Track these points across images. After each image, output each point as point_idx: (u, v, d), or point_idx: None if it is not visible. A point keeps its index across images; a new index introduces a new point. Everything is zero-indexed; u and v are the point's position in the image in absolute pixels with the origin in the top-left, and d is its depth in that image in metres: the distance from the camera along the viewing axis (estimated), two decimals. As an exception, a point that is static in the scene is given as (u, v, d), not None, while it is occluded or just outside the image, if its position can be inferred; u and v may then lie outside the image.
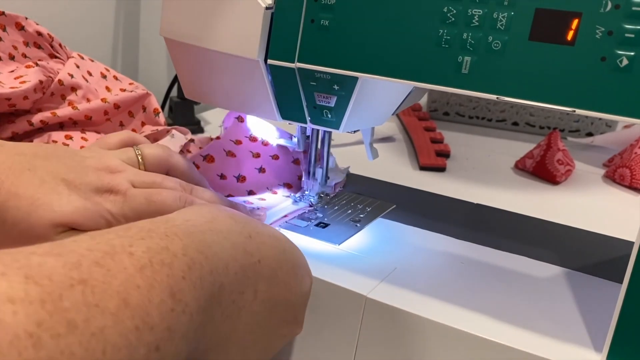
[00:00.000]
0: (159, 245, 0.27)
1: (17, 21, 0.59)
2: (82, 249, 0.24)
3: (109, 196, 0.39)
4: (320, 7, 0.40)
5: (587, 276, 0.45)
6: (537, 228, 0.54)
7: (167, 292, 0.25)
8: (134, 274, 0.24)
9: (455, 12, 0.36)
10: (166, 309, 0.25)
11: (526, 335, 0.37)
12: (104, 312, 0.22)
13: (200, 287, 0.27)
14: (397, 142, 0.80)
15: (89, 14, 0.92)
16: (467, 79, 0.36)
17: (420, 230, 0.51)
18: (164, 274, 0.25)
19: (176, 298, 0.25)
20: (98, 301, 0.22)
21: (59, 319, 0.20)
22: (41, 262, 0.22)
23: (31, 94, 0.56)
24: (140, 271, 0.25)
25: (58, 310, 0.21)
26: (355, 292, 0.40)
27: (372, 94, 0.44)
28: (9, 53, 0.59)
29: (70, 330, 0.20)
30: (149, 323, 0.23)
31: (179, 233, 0.29)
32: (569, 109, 0.33)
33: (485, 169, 0.72)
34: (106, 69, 0.65)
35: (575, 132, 0.89)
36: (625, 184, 0.69)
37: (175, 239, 0.28)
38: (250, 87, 0.46)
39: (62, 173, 0.39)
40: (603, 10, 0.32)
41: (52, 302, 0.21)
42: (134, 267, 0.25)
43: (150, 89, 0.65)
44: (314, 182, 0.54)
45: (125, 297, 0.23)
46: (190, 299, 0.26)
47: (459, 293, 0.41)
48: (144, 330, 0.23)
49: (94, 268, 0.23)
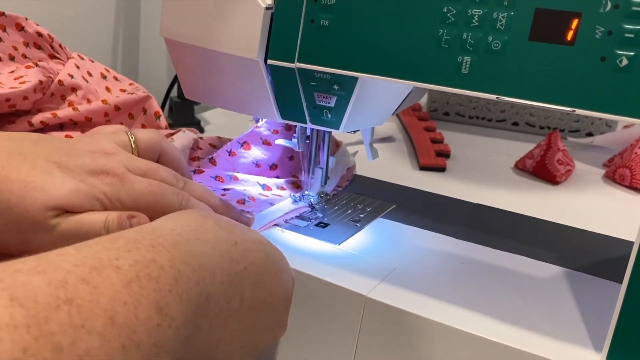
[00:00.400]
0: (145, 258, 0.26)
1: (17, 22, 0.59)
2: (69, 264, 0.24)
3: (105, 178, 0.38)
4: (320, 7, 0.40)
5: (587, 276, 0.45)
6: (537, 228, 0.54)
7: (154, 307, 0.25)
8: (121, 289, 0.24)
9: (455, 12, 0.36)
10: (153, 325, 0.24)
11: (526, 335, 0.37)
12: (90, 333, 0.22)
13: (187, 300, 0.27)
14: (397, 142, 0.80)
15: (89, 13, 0.92)
16: (467, 79, 0.36)
17: (420, 230, 0.51)
18: (150, 289, 0.25)
19: (163, 312, 0.25)
20: (84, 321, 0.22)
21: (44, 343, 0.20)
22: (26, 282, 0.22)
23: (31, 94, 0.56)
24: (127, 286, 0.24)
25: (44, 334, 0.20)
26: (355, 292, 0.40)
27: (372, 94, 0.44)
28: (9, 54, 0.59)
29: (56, 355, 0.20)
30: (135, 340, 0.23)
31: (165, 244, 0.28)
32: (569, 109, 0.33)
33: (485, 169, 0.72)
34: (106, 70, 0.65)
35: (575, 132, 0.89)
36: (625, 184, 0.69)
37: (162, 250, 0.28)
38: (250, 87, 0.46)
39: (54, 156, 0.38)
40: (603, 10, 0.32)
41: (37, 326, 0.20)
42: (121, 282, 0.24)
43: (150, 89, 0.65)
44: (314, 182, 0.54)
45: (112, 316, 0.23)
46: (177, 312, 0.26)
47: (459, 293, 0.41)
48: (130, 348, 0.23)
49: (80, 286, 0.23)
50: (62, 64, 0.61)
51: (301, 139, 0.53)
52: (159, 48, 1.04)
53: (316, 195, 0.54)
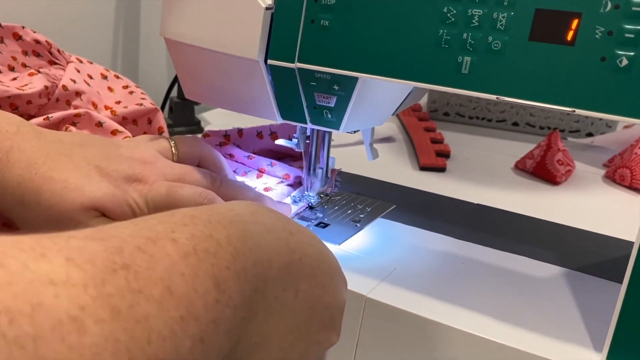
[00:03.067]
0: (202, 233, 0.25)
1: (14, 31, 0.59)
2: (124, 234, 0.23)
3: (137, 185, 0.41)
4: (320, 7, 0.40)
5: (587, 276, 0.45)
6: (537, 228, 0.54)
7: (212, 282, 0.24)
8: (178, 261, 0.23)
9: (455, 12, 0.36)
10: (211, 300, 0.23)
11: (526, 335, 0.37)
12: (148, 300, 0.21)
13: (245, 280, 0.26)
14: (397, 142, 0.80)
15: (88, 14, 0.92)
16: (467, 79, 0.36)
17: (420, 230, 0.51)
18: (208, 263, 0.24)
19: (221, 289, 0.24)
20: (142, 288, 0.21)
21: (102, 304, 0.19)
22: (81, 246, 0.21)
23: (35, 99, 0.56)
24: (185, 258, 0.23)
25: (101, 295, 0.19)
26: (355, 292, 0.40)
27: (372, 94, 0.44)
28: (8, 65, 0.59)
29: (114, 317, 0.19)
30: (193, 313, 0.22)
31: (222, 221, 0.27)
32: (569, 109, 0.33)
33: (485, 169, 0.72)
34: (106, 70, 0.65)
35: (575, 132, 0.89)
36: (625, 184, 0.69)
37: (219, 226, 0.27)
38: (250, 87, 0.46)
39: (97, 160, 0.41)
40: (603, 10, 0.32)
41: (94, 287, 0.19)
42: (178, 254, 0.23)
43: (150, 89, 0.65)
44: (314, 181, 0.54)
45: (169, 285, 0.22)
46: (235, 291, 0.25)
47: (459, 293, 0.41)
48: (189, 320, 0.22)
49: (136, 254, 0.22)
50: (62, 69, 0.61)
51: (301, 139, 0.53)
52: (159, 48, 1.04)
53: (316, 195, 0.54)
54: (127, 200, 0.40)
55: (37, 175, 0.38)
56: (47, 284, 0.18)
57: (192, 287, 0.23)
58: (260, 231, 0.30)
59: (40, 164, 0.39)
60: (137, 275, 0.21)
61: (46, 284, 0.18)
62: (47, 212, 0.38)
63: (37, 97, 0.56)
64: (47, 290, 0.18)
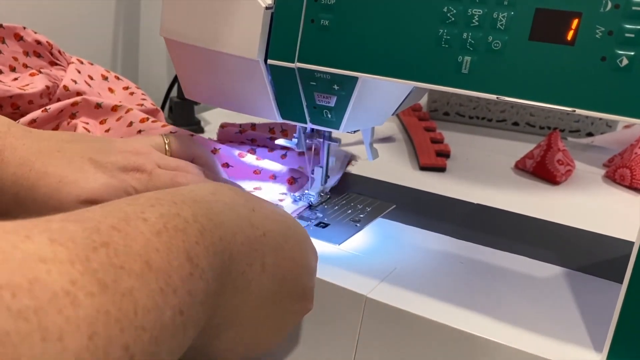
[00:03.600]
0: (170, 212, 0.27)
1: (16, 32, 0.59)
2: (97, 215, 0.24)
3: (135, 174, 0.42)
4: (320, 7, 0.40)
5: (587, 276, 0.45)
6: (537, 228, 0.54)
7: (184, 257, 0.25)
8: (151, 238, 0.24)
9: (455, 12, 0.36)
10: (185, 273, 0.25)
11: (526, 335, 0.37)
12: (129, 274, 0.22)
13: (213, 254, 0.27)
14: (397, 142, 0.80)
15: (88, 14, 0.92)
16: (467, 79, 0.36)
17: (420, 230, 0.51)
18: (179, 239, 0.25)
19: (193, 263, 0.25)
20: (122, 263, 0.22)
21: (90, 279, 0.20)
22: (61, 227, 0.22)
23: (37, 99, 0.56)
24: (157, 235, 0.25)
25: (88, 271, 0.20)
26: (355, 292, 0.40)
27: (372, 94, 0.44)
28: (9, 65, 0.59)
29: (102, 290, 0.20)
30: (171, 286, 0.24)
31: (186, 201, 0.29)
32: (569, 109, 0.33)
33: (485, 169, 0.72)
34: (106, 71, 0.65)
35: (575, 132, 0.89)
36: (625, 184, 0.69)
37: (184, 206, 0.28)
38: (250, 87, 0.46)
39: (89, 153, 0.41)
40: (603, 10, 0.32)
41: (80, 263, 0.20)
42: (150, 232, 0.25)
43: (150, 89, 0.65)
44: (314, 181, 0.54)
45: (147, 260, 0.23)
46: (206, 264, 0.26)
47: (459, 293, 0.41)
48: (168, 293, 0.23)
49: (112, 232, 0.23)
50: (63, 70, 0.61)
51: (301, 139, 0.53)
52: (159, 48, 1.04)
53: (316, 195, 0.54)
54: (126, 189, 0.40)
55: (32, 172, 0.39)
56: (38, 261, 0.19)
57: (167, 261, 0.24)
58: (222, 209, 0.31)
59: (33, 161, 0.39)
60: (117, 252, 0.22)
61: (37, 262, 0.19)
62: (44, 207, 0.38)
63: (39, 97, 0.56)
64: (39, 266, 0.19)
